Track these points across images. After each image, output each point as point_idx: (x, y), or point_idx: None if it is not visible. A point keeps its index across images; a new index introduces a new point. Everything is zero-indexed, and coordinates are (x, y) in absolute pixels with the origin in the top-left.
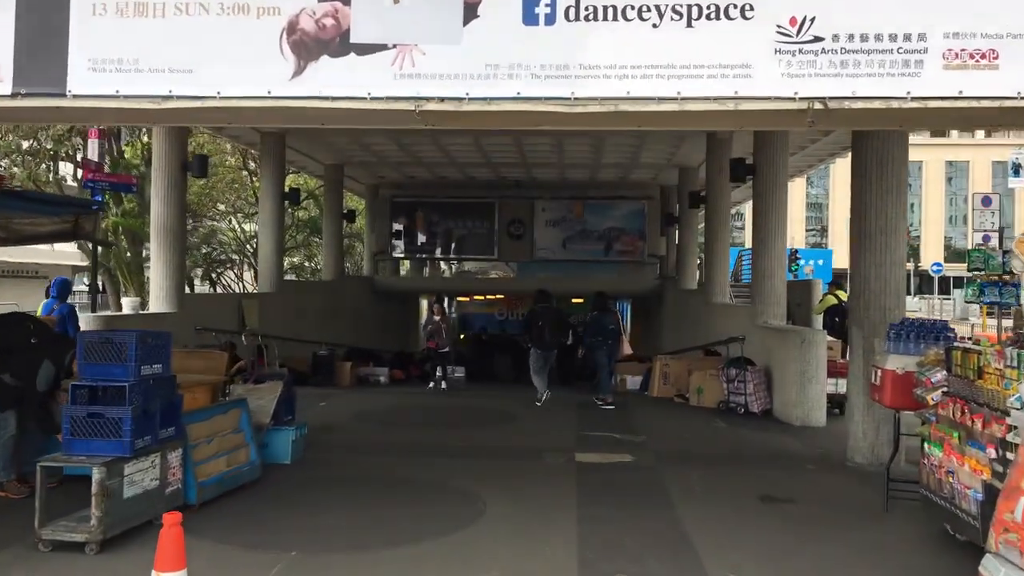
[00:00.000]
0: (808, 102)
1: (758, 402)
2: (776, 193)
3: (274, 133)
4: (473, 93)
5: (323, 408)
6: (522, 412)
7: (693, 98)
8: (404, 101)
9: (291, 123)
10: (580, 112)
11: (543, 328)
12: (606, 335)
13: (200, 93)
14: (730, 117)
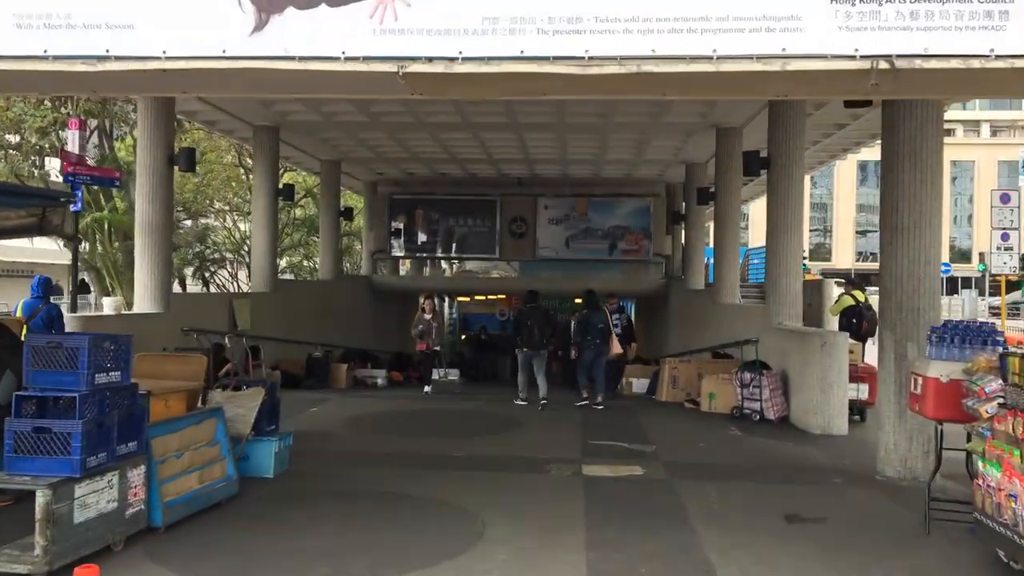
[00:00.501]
0: (871, 61)
1: (774, 408)
2: (792, 187)
3: (268, 127)
4: (467, 52)
5: (314, 414)
6: (524, 417)
7: (731, 56)
8: (385, 62)
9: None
10: (595, 74)
11: (532, 328)
12: (595, 334)
13: (143, 52)
14: (775, 80)
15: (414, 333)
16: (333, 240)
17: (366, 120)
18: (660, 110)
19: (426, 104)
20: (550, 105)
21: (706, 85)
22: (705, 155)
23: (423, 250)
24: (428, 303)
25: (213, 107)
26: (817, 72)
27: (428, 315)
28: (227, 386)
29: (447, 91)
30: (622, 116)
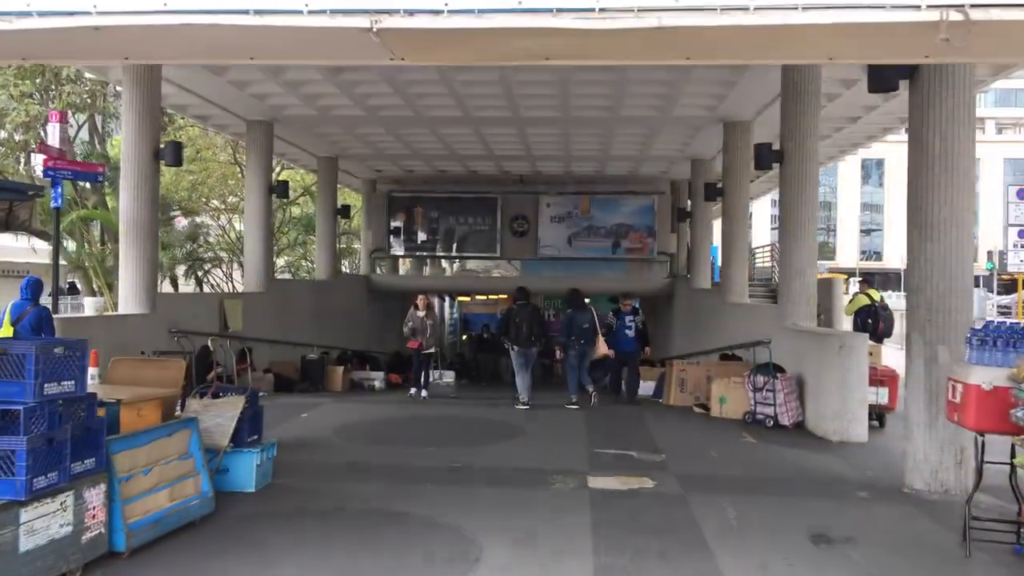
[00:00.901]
0: (941, 11)
1: (789, 414)
2: (807, 181)
3: (261, 122)
4: (455, 3)
5: (304, 420)
6: (525, 423)
7: (771, 7)
8: (356, 16)
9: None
10: (607, 29)
11: (520, 326)
12: (579, 334)
13: (69, 7)
14: (824, 37)
15: (405, 330)
16: (330, 238)
17: (363, 114)
18: (668, 102)
19: (425, 96)
20: (554, 98)
21: (738, 45)
22: (712, 151)
23: (423, 249)
24: (422, 299)
25: (204, 100)
26: (873, 27)
27: (421, 312)
28: (204, 393)
29: (433, 53)
30: (629, 109)
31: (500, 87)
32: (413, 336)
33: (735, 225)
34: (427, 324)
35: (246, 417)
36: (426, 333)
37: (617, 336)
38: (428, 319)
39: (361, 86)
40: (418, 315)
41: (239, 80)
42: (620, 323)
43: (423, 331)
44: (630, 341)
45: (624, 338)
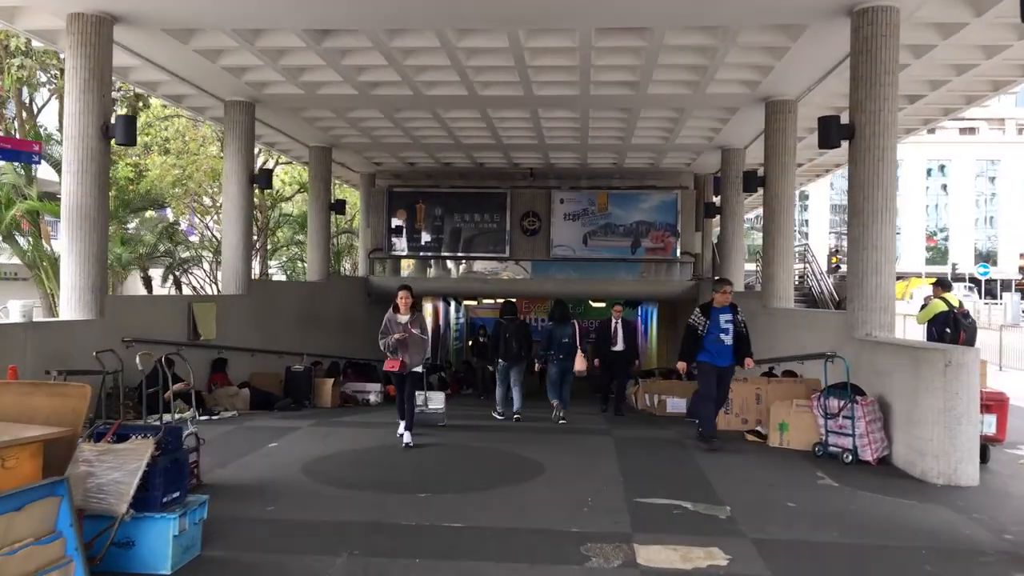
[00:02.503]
0: None
1: (872, 447)
2: (884, 157)
3: (241, 103)
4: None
5: (271, 452)
6: (543, 454)
7: None
8: None
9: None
10: None
11: (510, 340)
12: (559, 349)
13: None
14: None
15: (383, 345)
16: (323, 236)
17: (354, 93)
18: (703, 76)
19: (424, 71)
20: (572, 71)
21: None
22: (745, 138)
23: (425, 249)
24: (404, 298)
25: (176, 77)
26: None
27: (403, 316)
28: (103, 434)
29: None
30: (657, 86)
31: (510, 56)
32: (393, 354)
33: (778, 219)
34: (415, 336)
35: (159, 469)
36: (416, 350)
37: (706, 342)
38: (414, 326)
39: (350, 56)
40: (399, 320)
41: (209, 48)
42: (713, 324)
43: (406, 347)
44: (726, 351)
45: (718, 346)
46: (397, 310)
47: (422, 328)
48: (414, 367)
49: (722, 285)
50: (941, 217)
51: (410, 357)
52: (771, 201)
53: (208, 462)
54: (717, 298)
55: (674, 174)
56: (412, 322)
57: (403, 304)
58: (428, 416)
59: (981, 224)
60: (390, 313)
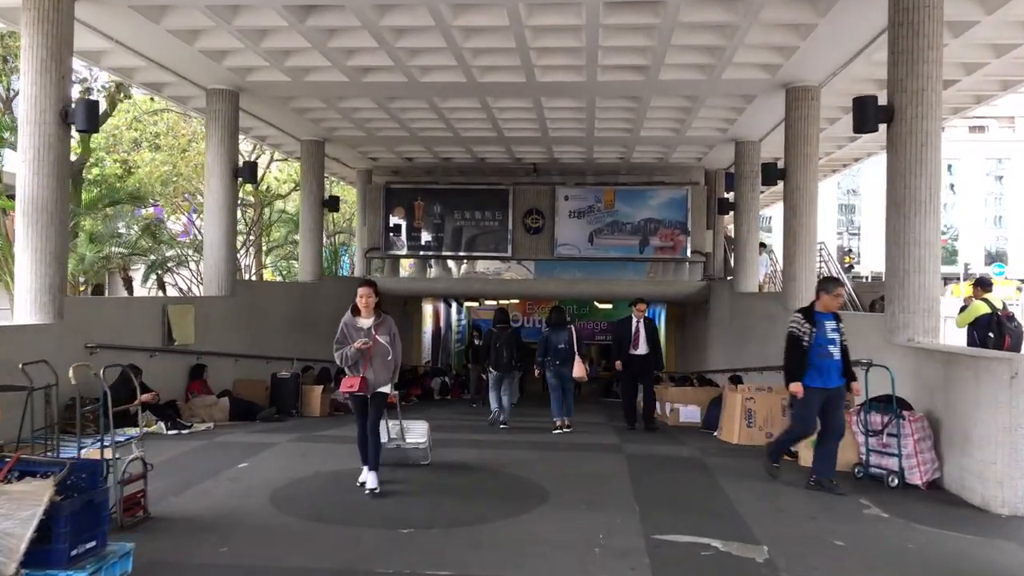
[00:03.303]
0: None
1: (922, 468)
2: (927, 142)
3: (223, 91)
4: None
5: (239, 474)
6: (546, 476)
7: None
8: None
9: None
10: None
11: (500, 350)
12: (555, 355)
13: None
14: None
15: (338, 357)
16: (316, 235)
17: (345, 80)
18: (720, 59)
19: (418, 54)
20: (578, 54)
21: None
22: (760, 130)
23: (424, 248)
24: (365, 296)
25: (152, 63)
26: None
27: (367, 321)
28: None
29: None
30: (670, 71)
31: (511, 36)
32: (352, 368)
33: (800, 214)
34: (379, 342)
35: (65, 515)
36: (381, 364)
37: (813, 357)
38: (380, 332)
39: (337, 37)
40: (359, 324)
41: (183, 29)
42: (820, 333)
43: (371, 358)
44: (834, 369)
45: (827, 362)
46: (357, 312)
47: (391, 335)
48: (380, 386)
49: (834, 286)
50: (948, 216)
51: (375, 373)
52: (792, 195)
53: (161, 488)
54: (826, 301)
55: (684, 169)
56: (377, 327)
57: (364, 304)
58: (405, 453)
59: (989, 224)
60: (348, 316)
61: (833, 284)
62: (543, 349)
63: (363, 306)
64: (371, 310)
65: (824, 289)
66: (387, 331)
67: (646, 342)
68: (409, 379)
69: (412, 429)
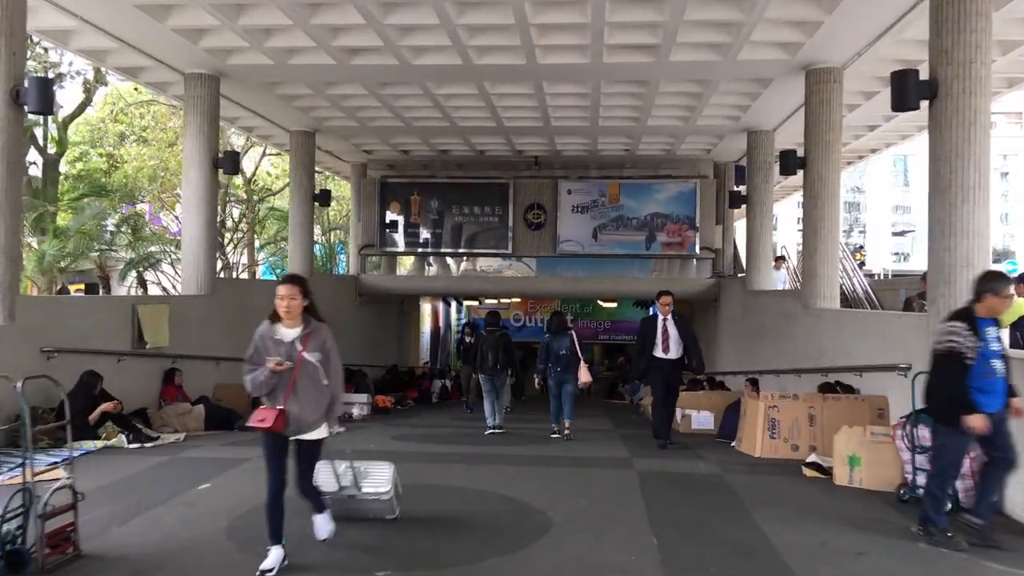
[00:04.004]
0: None
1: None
2: (976, 121)
3: (202, 75)
4: None
5: (197, 497)
6: (547, 498)
7: None
8: None
9: None
10: None
11: (486, 353)
12: (556, 361)
13: None
14: None
15: (248, 383)
16: (306, 230)
17: (332, 63)
18: (736, 36)
19: (410, 32)
20: (583, 32)
21: None
22: (775, 119)
23: (421, 244)
24: (287, 297)
25: (124, 44)
26: None
27: (290, 332)
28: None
29: None
30: (681, 51)
31: (509, 11)
32: (268, 396)
33: (822, 205)
34: (307, 361)
35: None
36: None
37: (976, 376)
38: (309, 347)
39: (321, 13)
40: (279, 336)
41: (152, 4)
42: (985, 346)
43: (295, 383)
44: (998, 389)
45: (991, 381)
46: (276, 319)
47: (325, 352)
48: (309, 426)
49: (1004, 284)
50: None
51: (300, 406)
52: (813, 185)
53: (103, 517)
54: (992, 304)
55: (692, 162)
56: (305, 340)
57: (286, 309)
58: (364, 505)
59: (995, 221)
60: (264, 326)
61: (1003, 282)
62: (544, 356)
63: (284, 311)
64: (297, 317)
65: (991, 289)
66: (319, 346)
67: (676, 343)
68: (406, 381)
69: (371, 474)
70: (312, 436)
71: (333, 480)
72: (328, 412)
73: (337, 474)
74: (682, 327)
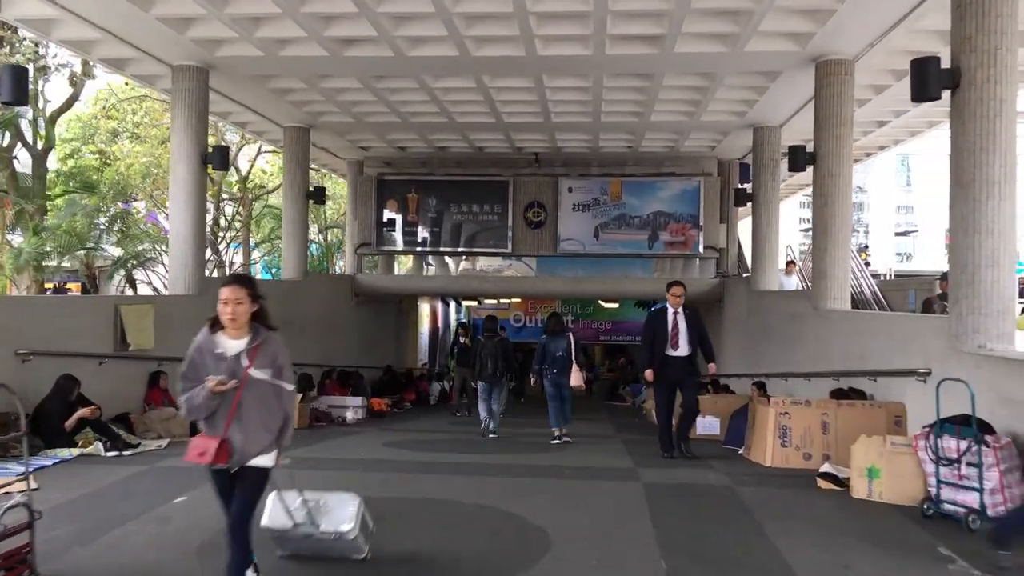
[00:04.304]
0: None
1: (1008, 506)
2: (1001, 112)
3: (190, 67)
4: None
5: (170, 512)
6: (546, 513)
7: None
8: None
9: None
10: None
11: (485, 360)
12: (552, 363)
13: None
14: None
15: (184, 405)
16: (300, 228)
17: (325, 54)
18: (745, 25)
19: (405, 22)
20: (584, 20)
21: None
22: (782, 114)
23: (419, 243)
24: (232, 302)
25: (109, 35)
26: None
27: (235, 343)
28: None
29: None
30: (687, 40)
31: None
32: (207, 423)
33: (833, 203)
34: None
35: None
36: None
37: None
38: (257, 361)
39: (312, 1)
40: (220, 350)
41: None
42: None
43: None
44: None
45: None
46: (218, 327)
47: (276, 367)
48: (254, 453)
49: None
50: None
51: (245, 433)
52: (823, 182)
53: (67, 535)
54: None
55: (695, 159)
56: (253, 354)
57: (230, 316)
58: (324, 545)
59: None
60: (203, 335)
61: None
62: (540, 357)
63: (228, 318)
64: (244, 325)
65: None
66: (269, 360)
67: (688, 338)
68: (404, 383)
69: (331, 509)
70: (260, 463)
71: (284, 516)
72: (278, 438)
73: (289, 510)
74: (693, 321)
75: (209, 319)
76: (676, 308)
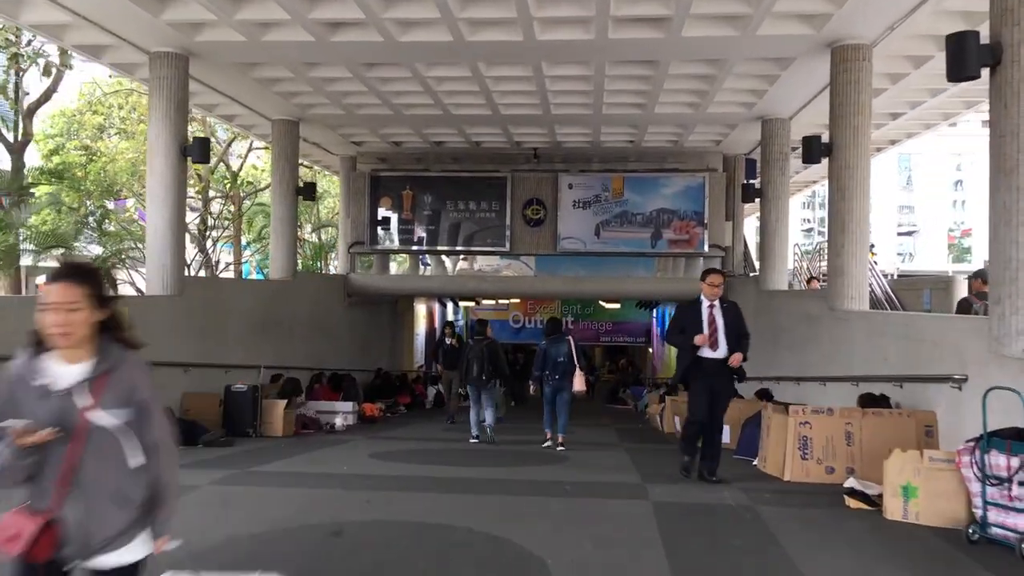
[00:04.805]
0: None
1: None
2: None
3: (168, 54)
4: None
5: None
6: (545, 540)
7: None
8: None
9: None
10: None
11: (471, 362)
12: (553, 369)
13: None
14: None
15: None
16: (288, 226)
17: (310, 39)
18: (757, 7)
19: (394, 1)
20: (587, 1)
21: None
22: (791, 105)
23: (414, 242)
24: (65, 304)
25: (81, 18)
26: None
27: (70, 372)
28: None
29: None
30: (695, 24)
31: None
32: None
33: (850, 197)
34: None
35: None
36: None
37: None
38: (104, 400)
39: None
40: (43, 379)
41: None
42: None
43: (74, 464)
44: None
45: None
46: (42, 347)
47: (137, 407)
48: (110, 544)
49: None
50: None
51: (88, 507)
52: (840, 174)
53: None
54: None
55: (699, 155)
56: (98, 385)
57: (62, 327)
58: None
59: None
60: (20, 361)
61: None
62: (540, 363)
63: (58, 332)
64: (82, 343)
65: None
66: (124, 396)
67: (726, 337)
68: (398, 386)
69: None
70: (118, 559)
71: None
72: (150, 513)
73: None
74: (731, 316)
75: (30, 333)
76: (712, 300)
